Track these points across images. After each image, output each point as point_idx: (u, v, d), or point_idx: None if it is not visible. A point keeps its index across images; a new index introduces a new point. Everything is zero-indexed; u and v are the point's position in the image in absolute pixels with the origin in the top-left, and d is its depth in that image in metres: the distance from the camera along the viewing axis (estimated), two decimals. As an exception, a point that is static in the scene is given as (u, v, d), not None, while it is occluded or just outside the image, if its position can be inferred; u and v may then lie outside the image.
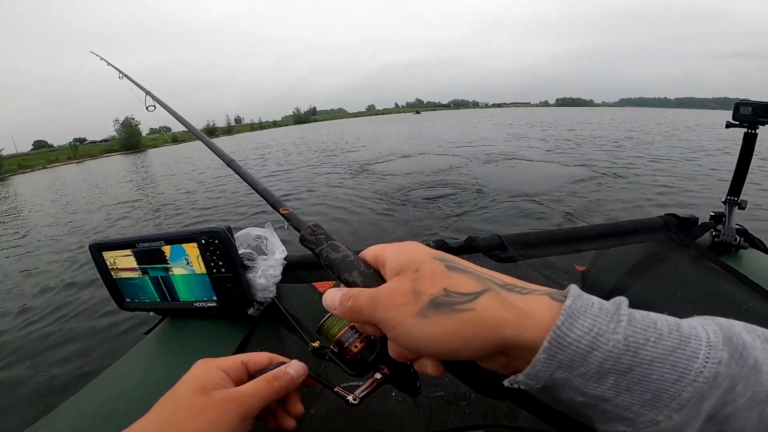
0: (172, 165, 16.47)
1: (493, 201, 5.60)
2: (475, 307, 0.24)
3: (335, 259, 0.34)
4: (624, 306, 0.23)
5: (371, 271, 0.32)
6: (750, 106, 0.73)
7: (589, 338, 0.21)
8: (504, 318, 0.23)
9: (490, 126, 25.72)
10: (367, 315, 0.27)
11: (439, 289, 0.25)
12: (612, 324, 0.21)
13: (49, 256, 5.23)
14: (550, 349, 0.22)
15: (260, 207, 5.75)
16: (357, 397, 0.36)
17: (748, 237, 0.82)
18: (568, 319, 0.22)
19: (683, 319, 0.23)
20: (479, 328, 0.23)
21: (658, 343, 0.21)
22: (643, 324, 0.22)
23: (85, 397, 0.62)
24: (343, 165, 9.72)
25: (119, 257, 0.76)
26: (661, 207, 4.54)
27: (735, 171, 0.81)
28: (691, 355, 0.20)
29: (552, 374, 0.22)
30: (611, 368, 0.21)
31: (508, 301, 0.24)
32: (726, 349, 0.20)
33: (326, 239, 0.37)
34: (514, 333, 0.23)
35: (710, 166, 7.66)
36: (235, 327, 0.76)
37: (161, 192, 9.64)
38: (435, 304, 0.24)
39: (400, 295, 0.26)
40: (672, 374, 0.20)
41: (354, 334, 0.36)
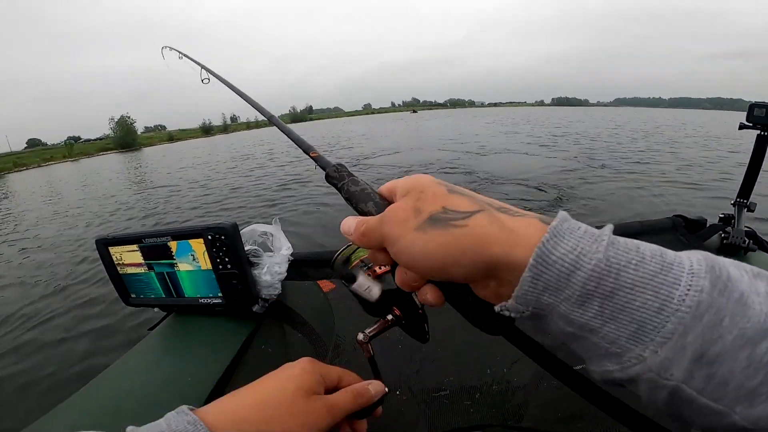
0: (178, 162, 16.51)
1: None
2: (468, 223, 0.25)
3: (354, 191, 0.37)
4: (608, 230, 0.23)
5: (385, 202, 0.34)
6: (765, 108, 0.71)
7: (572, 257, 0.21)
8: (493, 235, 0.24)
9: (487, 124, 25.79)
10: (376, 234, 0.30)
11: (438, 207, 0.27)
12: (595, 245, 0.21)
13: (57, 251, 5.25)
14: (535, 267, 0.22)
15: (264, 205, 5.77)
16: (367, 336, 0.39)
17: (756, 239, 0.81)
18: (552, 238, 0.22)
19: (669, 250, 0.22)
20: (470, 243, 0.24)
21: (639, 266, 0.21)
22: (626, 247, 0.22)
23: (90, 392, 0.62)
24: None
25: (125, 252, 0.75)
26: (667, 206, 4.55)
27: (745, 173, 0.81)
28: (673, 282, 0.20)
29: (539, 297, 0.23)
30: (594, 290, 0.21)
31: (499, 221, 0.25)
32: (708, 277, 0.20)
33: (348, 176, 0.40)
34: (502, 250, 0.24)
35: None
36: (239, 324, 0.76)
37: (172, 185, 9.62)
38: (433, 220, 0.26)
39: (403, 212, 0.28)
40: (654, 301, 0.20)
41: (364, 267, 0.39)
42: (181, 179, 10.79)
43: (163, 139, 73.68)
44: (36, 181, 16.20)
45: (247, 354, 0.72)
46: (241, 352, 0.70)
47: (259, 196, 6.61)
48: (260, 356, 0.75)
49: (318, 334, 0.90)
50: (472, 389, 0.77)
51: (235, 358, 0.68)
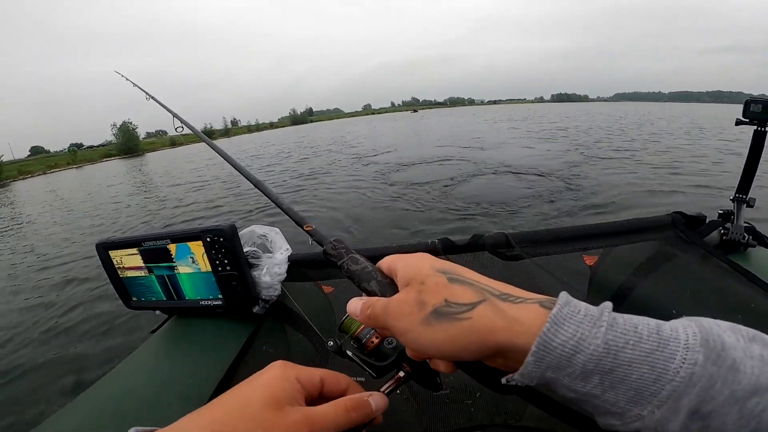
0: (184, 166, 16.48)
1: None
2: (472, 315, 0.26)
3: (355, 270, 0.38)
4: (606, 312, 0.24)
5: (387, 281, 0.35)
6: (761, 104, 0.71)
7: (573, 343, 0.23)
8: (497, 325, 0.26)
9: (485, 121, 25.92)
10: (382, 322, 0.31)
11: (441, 300, 0.28)
12: (594, 329, 0.23)
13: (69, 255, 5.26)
14: (537, 353, 0.24)
15: (265, 206, 5.78)
16: (384, 393, 0.37)
17: (756, 235, 0.81)
18: (553, 326, 0.24)
19: (667, 322, 0.24)
20: (475, 335, 0.26)
21: (636, 346, 0.23)
22: (624, 328, 0.23)
23: (93, 395, 0.62)
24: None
25: (125, 256, 0.76)
26: (666, 202, 4.56)
27: (744, 168, 0.80)
28: (668, 357, 0.22)
29: (543, 374, 0.24)
30: (594, 369, 0.23)
31: (502, 311, 0.26)
32: (702, 351, 0.22)
33: (347, 252, 0.40)
34: (506, 338, 0.25)
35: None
36: (240, 325, 0.77)
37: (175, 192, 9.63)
38: (437, 314, 0.27)
39: (407, 306, 0.29)
40: (651, 374, 0.22)
41: (371, 331, 0.39)
42: (180, 184, 10.84)
43: (165, 144, 74.00)
44: (43, 188, 16.21)
45: (249, 354, 0.72)
46: (243, 353, 0.71)
47: (260, 196, 6.65)
48: (262, 357, 0.76)
49: (319, 334, 0.90)
50: (473, 388, 0.77)
51: (237, 358, 0.69)
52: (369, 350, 0.39)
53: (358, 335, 0.39)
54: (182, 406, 0.58)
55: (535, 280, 0.85)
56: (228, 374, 0.65)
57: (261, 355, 0.76)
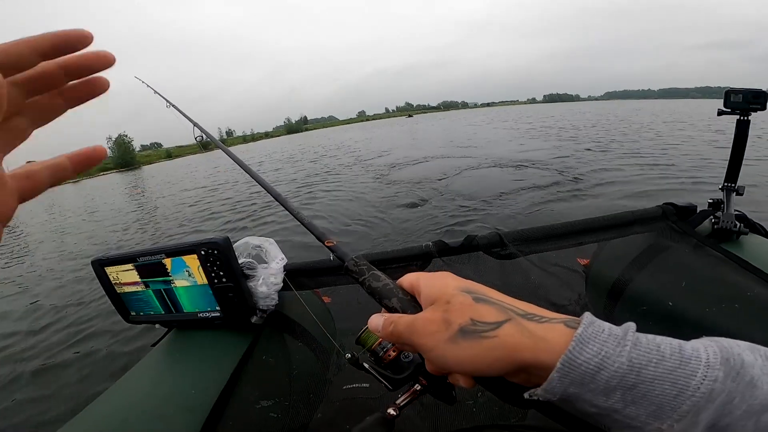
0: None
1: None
2: (498, 334, 0.27)
3: (377, 287, 0.38)
4: (631, 332, 0.25)
5: (408, 298, 0.36)
6: (741, 94, 0.72)
7: (597, 360, 0.24)
8: (523, 343, 0.27)
9: (478, 123, 26.20)
10: (405, 339, 0.31)
11: (467, 319, 0.29)
12: (618, 348, 0.24)
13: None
14: (562, 369, 0.25)
15: (260, 217, 5.78)
16: (397, 407, 0.39)
17: (748, 222, 0.81)
18: (578, 344, 0.25)
19: (688, 342, 0.25)
20: (501, 353, 0.27)
21: (660, 364, 0.24)
22: (648, 347, 0.24)
23: (98, 409, 0.63)
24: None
25: (121, 272, 0.76)
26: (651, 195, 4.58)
27: (730, 157, 0.81)
28: (690, 374, 0.23)
29: (566, 389, 0.25)
30: (617, 385, 0.24)
31: (527, 329, 0.27)
32: (722, 368, 0.23)
33: (368, 269, 0.41)
34: (532, 356, 0.26)
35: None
36: (239, 336, 0.77)
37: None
38: (463, 332, 0.28)
39: (433, 324, 0.30)
40: (672, 390, 0.23)
41: (387, 345, 0.40)
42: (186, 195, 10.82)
43: (161, 156, 73.90)
44: (52, 203, 16.10)
45: (249, 365, 0.73)
46: (242, 364, 0.71)
47: (254, 204, 6.63)
48: (262, 366, 0.76)
49: (318, 340, 0.91)
50: (475, 389, 0.77)
51: (237, 369, 0.69)
52: (386, 363, 0.40)
53: (375, 348, 0.40)
54: (185, 417, 0.58)
55: (530, 278, 0.85)
56: (229, 385, 0.66)
57: (261, 364, 0.76)
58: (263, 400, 0.70)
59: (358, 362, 0.41)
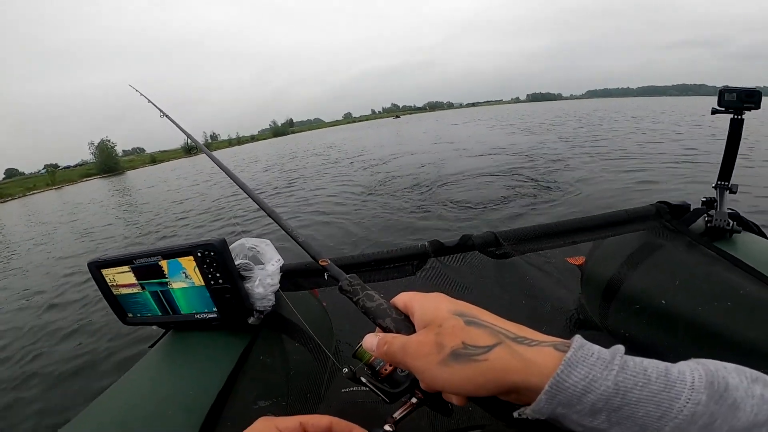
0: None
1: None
2: (489, 357, 0.28)
3: (371, 307, 0.39)
4: (619, 356, 0.26)
5: (402, 317, 0.36)
6: (734, 93, 0.73)
7: (584, 384, 0.25)
8: (514, 366, 0.27)
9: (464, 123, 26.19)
10: (398, 360, 0.32)
11: (459, 342, 0.29)
12: (605, 372, 0.25)
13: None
14: (550, 392, 0.26)
15: (254, 220, 5.77)
16: (394, 422, 0.39)
17: (741, 221, 0.81)
18: (567, 368, 0.26)
19: (675, 364, 0.26)
20: (492, 375, 0.28)
21: (645, 387, 0.25)
22: (634, 371, 0.25)
23: (96, 410, 0.63)
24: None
25: (118, 274, 0.76)
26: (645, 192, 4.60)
27: (723, 156, 0.81)
28: (674, 397, 0.24)
29: (553, 410, 0.26)
30: (603, 407, 0.25)
31: (518, 353, 0.28)
32: (706, 392, 0.24)
33: (362, 289, 0.41)
34: (522, 378, 0.27)
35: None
36: (236, 337, 0.77)
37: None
38: (455, 356, 0.29)
39: (425, 347, 0.30)
40: (656, 412, 0.24)
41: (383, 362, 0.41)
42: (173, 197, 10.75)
43: (145, 161, 72.94)
44: (31, 210, 15.83)
45: (246, 366, 0.73)
46: (240, 364, 0.71)
47: (248, 208, 6.62)
48: (259, 367, 0.76)
49: (316, 340, 0.91)
50: None
51: (234, 370, 0.69)
52: (383, 377, 0.40)
53: (372, 362, 0.40)
54: (183, 418, 0.58)
55: (525, 277, 0.85)
56: (227, 386, 0.66)
57: (259, 365, 0.76)
58: (261, 400, 0.71)
59: (355, 377, 0.42)
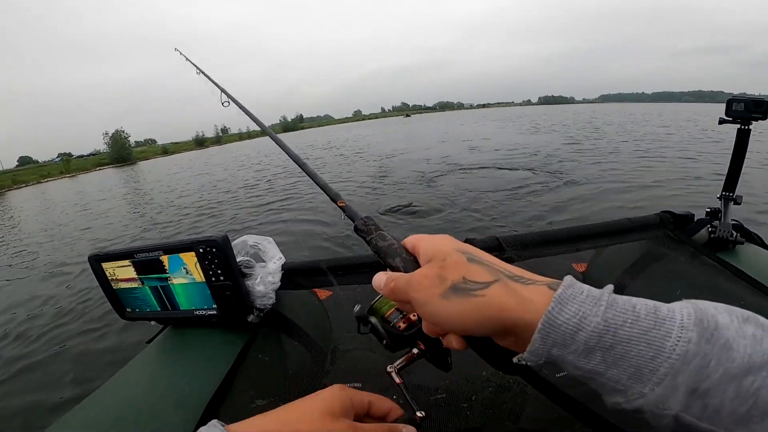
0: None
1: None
2: (486, 293, 0.29)
3: (382, 246, 0.40)
4: (607, 293, 0.26)
5: (411, 258, 0.37)
6: (743, 103, 0.73)
7: (575, 321, 0.25)
8: (508, 303, 0.28)
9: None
10: (403, 294, 0.33)
11: (459, 277, 0.30)
12: (594, 308, 0.25)
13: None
14: (543, 330, 0.26)
15: (254, 215, 5.78)
16: (395, 368, 0.41)
17: (744, 232, 0.82)
18: (557, 305, 0.26)
19: (665, 304, 0.26)
20: (488, 311, 0.28)
21: (635, 324, 0.24)
22: (623, 308, 0.25)
23: (90, 406, 0.62)
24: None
25: (118, 268, 0.76)
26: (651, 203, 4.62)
27: (729, 167, 0.82)
28: (665, 335, 0.24)
29: (549, 351, 0.26)
30: (596, 345, 0.25)
31: (513, 290, 0.28)
32: (696, 329, 0.23)
33: (376, 229, 0.42)
34: (516, 315, 0.27)
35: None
36: (235, 334, 0.77)
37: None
38: (455, 289, 0.30)
39: (428, 280, 0.31)
40: (648, 351, 0.24)
41: (399, 315, 0.42)
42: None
43: (157, 152, 73.29)
44: (48, 197, 15.78)
45: (244, 364, 0.72)
46: (238, 362, 0.71)
47: (248, 207, 6.63)
48: (257, 365, 0.76)
49: (315, 341, 0.90)
50: (469, 392, 0.77)
51: (233, 367, 0.69)
52: (395, 335, 0.41)
53: (388, 317, 0.42)
54: (179, 416, 0.58)
55: None
56: (225, 383, 0.65)
57: (257, 363, 0.76)
58: (259, 399, 0.70)
59: (365, 318, 0.44)
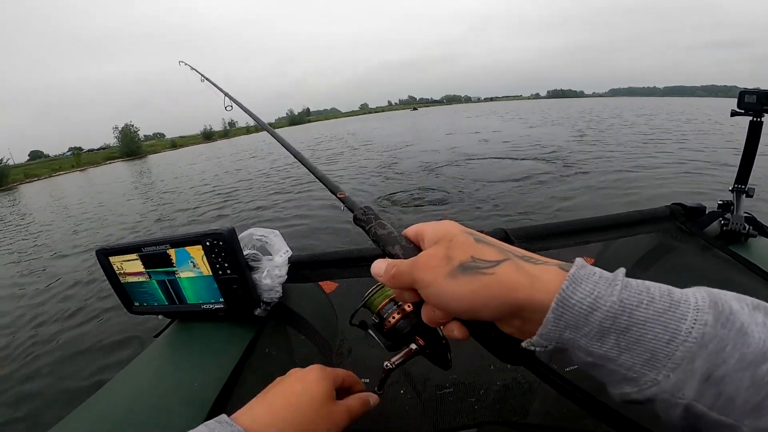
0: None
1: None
2: (496, 272, 0.28)
3: (382, 234, 0.39)
4: (621, 274, 0.26)
5: (411, 246, 0.36)
6: (755, 95, 0.72)
7: (590, 300, 0.24)
8: (519, 282, 0.27)
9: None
10: (406, 278, 0.32)
11: (468, 256, 0.29)
12: (609, 288, 0.24)
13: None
14: (557, 309, 0.25)
15: (258, 209, 5.80)
16: (393, 363, 0.41)
17: (757, 225, 0.80)
18: (571, 284, 0.25)
19: (676, 288, 0.25)
20: (498, 289, 0.27)
21: (650, 306, 0.24)
22: (637, 289, 0.24)
23: (100, 400, 0.63)
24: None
25: (125, 262, 0.76)
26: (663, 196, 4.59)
27: (741, 159, 0.80)
28: (680, 317, 0.23)
29: (561, 334, 0.25)
30: (611, 327, 0.24)
31: (524, 269, 0.28)
32: (711, 312, 0.23)
33: (375, 218, 0.42)
34: (527, 295, 0.26)
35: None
36: (242, 328, 0.77)
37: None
38: (463, 268, 0.29)
39: (435, 259, 0.31)
40: (665, 334, 0.23)
41: (393, 306, 0.41)
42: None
43: (166, 146, 73.91)
44: (63, 190, 15.93)
45: (252, 357, 0.73)
46: (246, 356, 0.71)
47: (253, 201, 6.67)
48: (265, 359, 0.76)
49: (321, 334, 0.90)
50: (477, 386, 0.77)
51: (240, 361, 0.69)
52: (388, 328, 0.41)
53: (380, 311, 0.41)
54: (187, 410, 0.58)
55: None
56: (232, 377, 0.65)
57: (264, 357, 0.76)
58: None
59: (365, 325, 0.43)
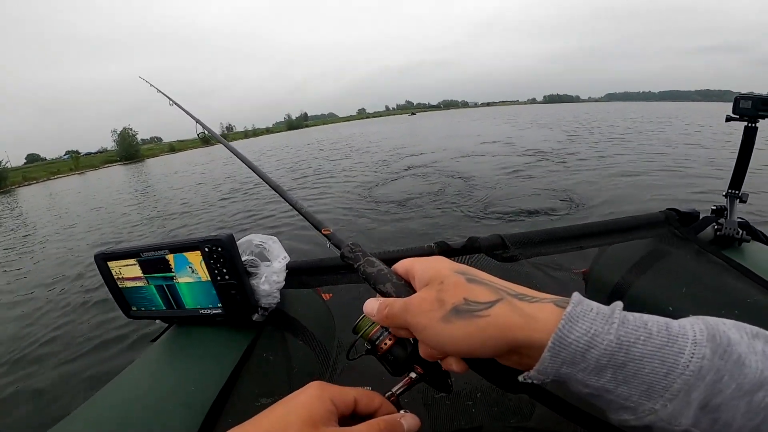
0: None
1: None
2: (491, 313, 0.27)
3: (371, 273, 0.39)
4: (618, 310, 0.26)
5: (402, 282, 0.36)
6: (750, 100, 0.72)
7: (587, 338, 0.24)
8: (515, 322, 0.27)
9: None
10: (400, 320, 0.32)
11: (460, 298, 0.29)
12: (606, 326, 0.24)
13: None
14: (553, 348, 0.25)
15: (257, 215, 5.80)
16: (394, 394, 0.39)
17: (750, 230, 0.81)
18: (568, 323, 0.25)
19: (674, 320, 0.25)
20: (494, 331, 0.27)
21: (648, 341, 0.24)
22: (635, 325, 0.24)
23: (96, 405, 0.63)
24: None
25: (124, 267, 0.76)
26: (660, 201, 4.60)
27: (735, 164, 0.81)
28: (678, 351, 0.23)
29: (558, 370, 0.25)
30: (608, 363, 0.24)
31: (519, 308, 0.27)
32: (709, 345, 0.23)
33: (363, 255, 0.41)
34: (524, 335, 0.26)
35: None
36: (240, 333, 0.77)
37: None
38: (457, 311, 0.28)
39: (427, 303, 0.30)
40: (662, 368, 0.23)
41: (384, 333, 0.40)
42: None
43: (164, 150, 73.84)
44: (61, 194, 15.80)
45: (249, 362, 0.73)
46: (243, 361, 0.71)
47: (254, 204, 6.65)
48: (262, 364, 0.76)
49: (319, 340, 0.91)
50: (474, 389, 0.77)
51: (237, 366, 0.69)
52: (382, 352, 0.40)
53: (371, 337, 0.40)
54: (184, 415, 0.58)
55: (531, 281, 0.85)
56: (229, 382, 0.66)
57: (262, 362, 0.76)
58: (263, 397, 0.71)
59: (365, 353, 0.42)
